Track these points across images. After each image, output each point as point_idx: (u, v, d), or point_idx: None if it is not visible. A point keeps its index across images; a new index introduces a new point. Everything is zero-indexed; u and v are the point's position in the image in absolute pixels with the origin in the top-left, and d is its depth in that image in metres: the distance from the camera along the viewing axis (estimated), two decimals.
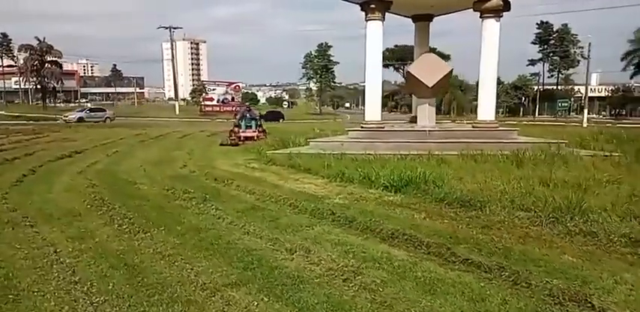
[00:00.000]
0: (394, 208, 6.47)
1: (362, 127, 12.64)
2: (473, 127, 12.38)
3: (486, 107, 12.24)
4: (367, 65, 12.32)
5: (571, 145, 11.58)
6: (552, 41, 68.94)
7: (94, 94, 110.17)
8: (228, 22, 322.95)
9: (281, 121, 44.15)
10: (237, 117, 18.90)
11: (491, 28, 11.73)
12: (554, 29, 68.57)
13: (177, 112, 54.29)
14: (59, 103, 70.99)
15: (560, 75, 69.10)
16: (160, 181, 8.85)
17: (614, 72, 77.45)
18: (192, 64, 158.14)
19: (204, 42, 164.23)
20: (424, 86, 12.03)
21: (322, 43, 72.66)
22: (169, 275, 4.18)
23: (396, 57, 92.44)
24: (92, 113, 37.60)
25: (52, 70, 57.42)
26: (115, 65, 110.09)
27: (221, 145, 15.97)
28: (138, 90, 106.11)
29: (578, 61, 66.20)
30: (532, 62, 70.27)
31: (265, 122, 26.38)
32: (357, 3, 12.11)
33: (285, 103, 78.39)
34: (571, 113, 59.93)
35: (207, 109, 57.17)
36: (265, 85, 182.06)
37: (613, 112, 58.92)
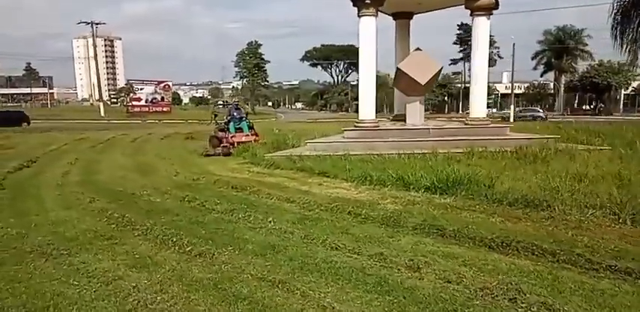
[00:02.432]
0: (460, 212, 6.13)
1: (356, 126, 12.24)
2: (466, 124, 12.45)
3: (479, 104, 12.34)
4: (360, 63, 11.95)
5: (560, 139, 11.93)
6: (471, 42, 72.84)
7: None
8: (140, 18, 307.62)
9: (25, 125, 32.18)
10: (225, 118, 14.99)
11: (482, 25, 11.83)
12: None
13: (102, 113, 50.71)
14: None
15: None
16: (168, 191, 7.88)
17: (526, 70, 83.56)
18: (107, 62, 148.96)
19: (120, 39, 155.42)
20: (416, 84, 11.87)
21: (252, 42, 71.29)
22: (304, 307, 3.53)
23: (323, 56, 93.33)
24: None
25: None
26: (29, 64, 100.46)
27: (206, 155, 12.94)
28: (47, 90, 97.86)
29: (495, 61, 70.63)
30: (454, 61, 73.71)
31: None
32: None
33: (220, 102, 75.84)
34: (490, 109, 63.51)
35: (134, 109, 54.05)
36: (185, 84, 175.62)
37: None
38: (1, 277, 4.18)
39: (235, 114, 14.75)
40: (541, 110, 45.96)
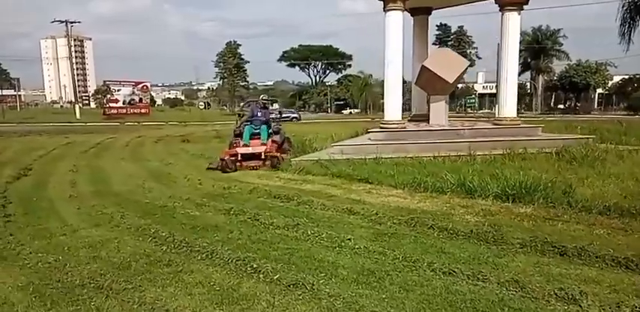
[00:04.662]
0: (555, 224, 5.49)
1: (382, 128, 11.53)
2: (494, 124, 11.92)
3: (508, 103, 11.81)
4: (386, 60, 11.24)
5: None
6: (451, 42, 73.31)
7: None
8: (108, 18, 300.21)
9: None
10: (243, 119, 11.67)
11: (512, 21, 11.28)
12: (452, 31, 73.09)
13: (78, 116, 48.72)
14: None
15: None
16: (205, 203, 7.01)
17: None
18: (78, 63, 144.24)
19: (90, 39, 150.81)
20: (443, 82, 11.26)
21: (231, 41, 70.09)
22: None
23: (301, 56, 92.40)
24: None
25: None
26: None
27: (208, 168, 10.39)
28: (15, 92, 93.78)
29: (474, 61, 71.25)
30: None
31: None
32: None
33: (201, 103, 74.15)
34: (467, 109, 63.86)
35: (111, 111, 52.06)
36: (157, 85, 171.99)
37: None
38: None
39: (259, 114, 11.33)
40: (296, 111, 51.63)
